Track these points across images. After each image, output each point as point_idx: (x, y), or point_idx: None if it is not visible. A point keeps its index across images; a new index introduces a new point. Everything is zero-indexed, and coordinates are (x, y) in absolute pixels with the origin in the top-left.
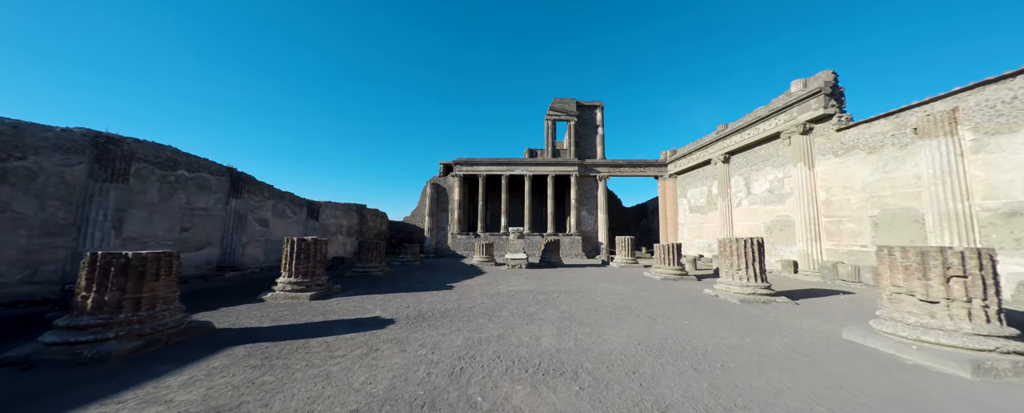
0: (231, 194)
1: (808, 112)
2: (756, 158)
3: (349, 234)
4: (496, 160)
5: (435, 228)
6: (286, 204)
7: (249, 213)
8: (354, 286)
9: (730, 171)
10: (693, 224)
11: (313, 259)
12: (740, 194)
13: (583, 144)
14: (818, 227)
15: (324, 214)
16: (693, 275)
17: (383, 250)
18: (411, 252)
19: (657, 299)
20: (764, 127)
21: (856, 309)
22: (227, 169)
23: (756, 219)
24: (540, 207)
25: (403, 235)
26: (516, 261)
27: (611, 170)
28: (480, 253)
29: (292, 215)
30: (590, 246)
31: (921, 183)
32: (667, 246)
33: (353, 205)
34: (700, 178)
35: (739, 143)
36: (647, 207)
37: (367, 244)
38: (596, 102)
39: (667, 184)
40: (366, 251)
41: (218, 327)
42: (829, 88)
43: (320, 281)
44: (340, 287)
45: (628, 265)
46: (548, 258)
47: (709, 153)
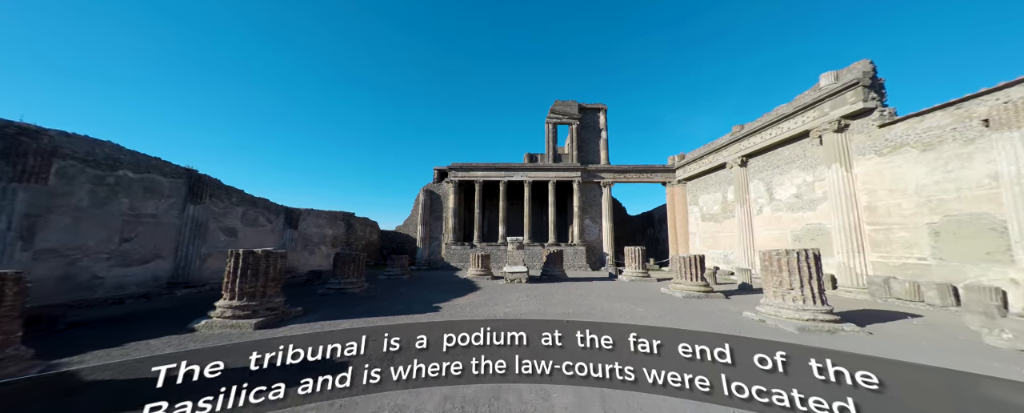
0: (189, 199)
1: (843, 107)
2: (780, 160)
3: (334, 245)
4: (494, 165)
5: (428, 238)
6: (259, 211)
7: (212, 221)
8: (322, 307)
9: (749, 175)
10: (706, 233)
11: (264, 276)
12: (761, 200)
13: (586, 149)
14: (861, 236)
15: (305, 223)
16: (719, 292)
17: (362, 263)
18: (399, 264)
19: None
20: (789, 126)
21: (951, 342)
22: (185, 170)
23: (782, 228)
24: (541, 216)
25: (395, 246)
26: (515, 274)
27: (616, 176)
28: (475, 265)
29: (266, 223)
30: (594, 257)
31: (999, 184)
32: (688, 259)
33: (339, 213)
34: (713, 184)
35: (759, 144)
36: (653, 216)
37: (343, 256)
38: (599, 105)
39: (676, 191)
40: (342, 264)
41: (86, 380)
42: (868, 79)
43: (272, 304)
44: (301, 310)
45: (639, 278)
46: (550, 271)
47: (723, 156)
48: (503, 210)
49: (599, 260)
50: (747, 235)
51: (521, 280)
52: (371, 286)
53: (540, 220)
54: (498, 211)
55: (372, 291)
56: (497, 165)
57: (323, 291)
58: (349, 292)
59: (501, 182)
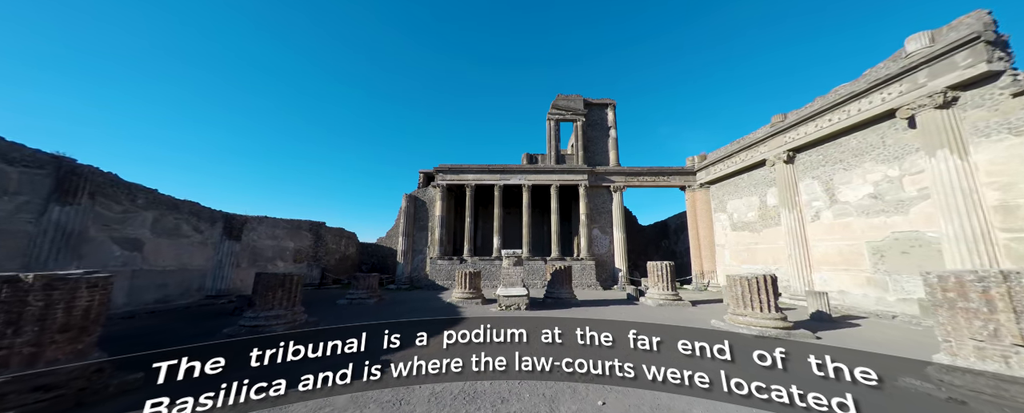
0: (55, 198)
1: (951, 73)
2: (843, 152)
3: (297, 259)
4: (488, 167)
5: (410, 251)
6: (183, 218)
7: (98, 229)
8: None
9: (796, 174)
10: (739, 245)
11: (47, 327)
12: (817, 203)
13: (592, 149)
14: (992, 247)
15: (254, 233)
16: (802, 329)
17: (295, 286)
18: (366, 285)
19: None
20: (859, 107)
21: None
22: (50, 158)
23: (851, 237)
24: (541, 226)
25: (376, 260)
26: (512, 299)
27: (628, 179)
28: (462, 286)
29: (193, 233)
30: (605, 273)
31: None
32: (755, 281)
33: (305, 222)
34: (746, 186)
35: (813, 134)
36: (668, 225)
37: (266, 279)
38: (607, 100)
39: (697, 196)
40: (264, 290)
41: None
42: (991, 32)
43: (64, 374)
44: (140, 377)
45: (670, 302)
46: (556, 293)
47: (761, 152)
48: (498, 219)
49: (611, 277)
50: (800, 248)
51: (520, 306)
52: (310, 318)
53: (541, 231)
54: (493, 220)
55: (306, 327)
56: (491, 166)
57: (231, 330)
58: (268, 332)
59: (496, 186)
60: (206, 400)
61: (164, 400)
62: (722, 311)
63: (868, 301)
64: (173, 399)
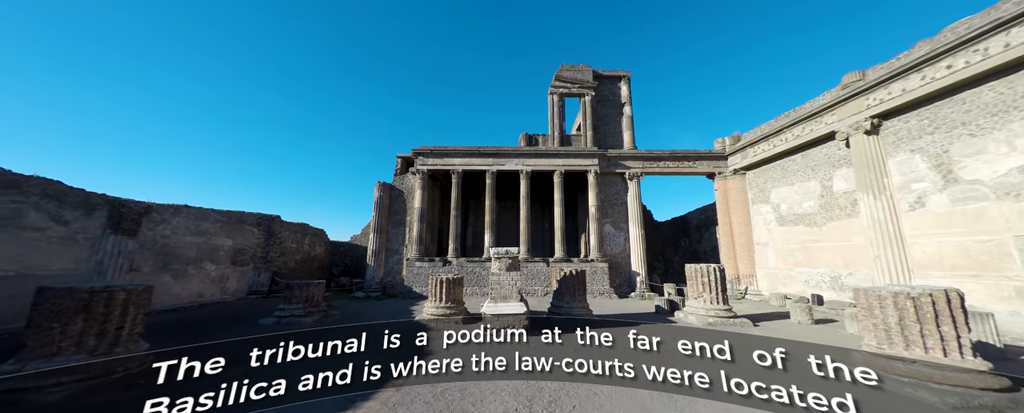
0: None
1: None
2: (969, 111)
3: (237, 261)
4: (478, 150)
5: (383, 251)
6: (28, 201)
7: None
8: None
9: (884, 147)
10: (790, 244)
11: None
12: (921, 185)
13: (603, 129)
14: None
15: (166, 227)
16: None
17: (122, 312)
18: (304, 297)
19: None
20: (988, 48)
21: None
22: None
23: (987, 229)
24: (542, 221)
25: (350, 261)
26: (505, 318)
27: (646, 165)
28: (437, 298)
29: (51, 224)
30: (620, 277)
31: None
32: (928, 301)
33: (250, 215)
34: (799, 170)
35: (916, 90)
36: (688, 221)
37: (48, 302)
38: (621, 72)
39: (730, 184)
40: (41, 320)
41: None
42: None
43: None
44: None
45: (724, 320)
46: (565, 305)
47: (828, 123)
48: (491, 212)
49: (626, 281)
50: (891, 246)
51: (518, 325)
52: (144, 360)
53: (541, 226)
54: (484, 213)
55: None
56: (482, 149)
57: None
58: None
59: (488, 172)
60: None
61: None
62: (818, 337)
63: (1021, 321)
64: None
